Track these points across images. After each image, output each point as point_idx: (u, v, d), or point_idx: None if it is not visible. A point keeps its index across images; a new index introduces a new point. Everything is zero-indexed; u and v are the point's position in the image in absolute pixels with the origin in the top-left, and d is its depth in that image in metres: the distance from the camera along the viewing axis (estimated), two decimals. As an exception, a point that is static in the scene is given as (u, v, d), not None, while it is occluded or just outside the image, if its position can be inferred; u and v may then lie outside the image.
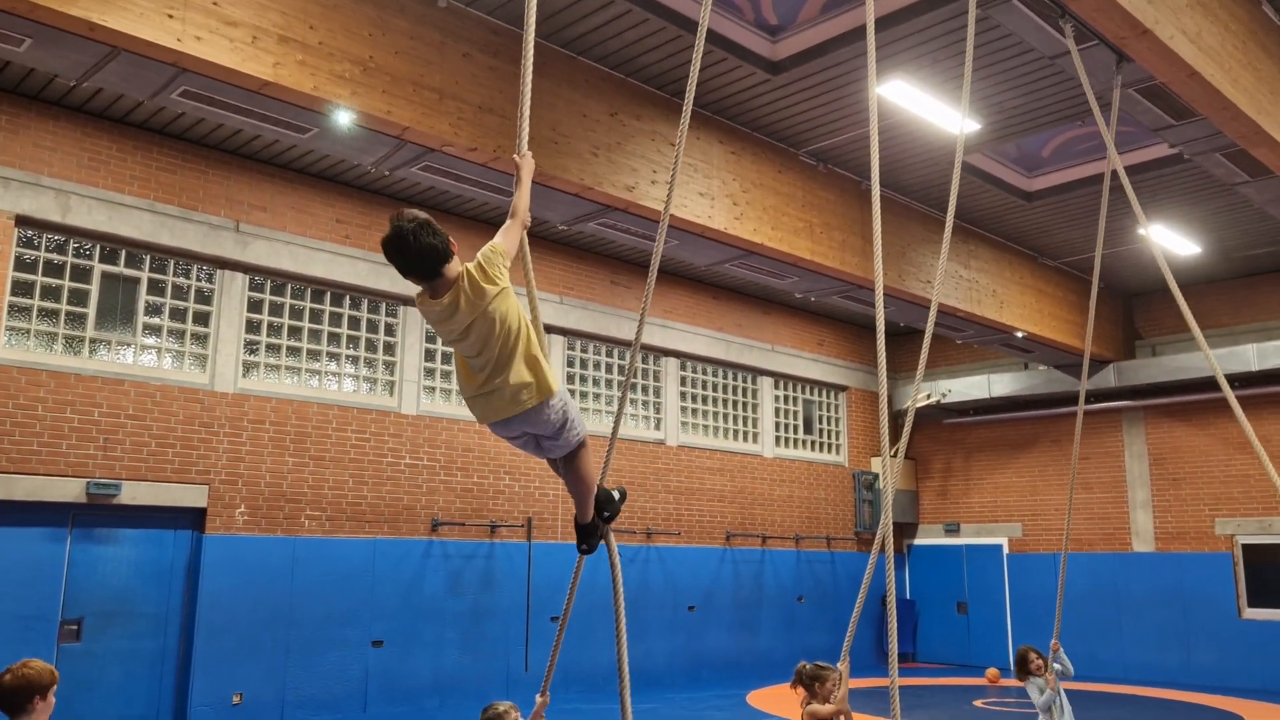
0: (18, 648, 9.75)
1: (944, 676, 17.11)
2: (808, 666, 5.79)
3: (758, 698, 13.99)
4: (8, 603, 9.82)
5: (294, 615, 11.61)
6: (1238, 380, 16.00)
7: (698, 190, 10.41)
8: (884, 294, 13.29)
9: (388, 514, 12.67)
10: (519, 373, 3.19)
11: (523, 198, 3.45)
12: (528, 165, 3.58)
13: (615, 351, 15.80)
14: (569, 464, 3.55)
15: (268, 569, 11.49)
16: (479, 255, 3.27)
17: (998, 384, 18.49)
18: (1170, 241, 14.46)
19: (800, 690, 5.88)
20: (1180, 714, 12.91)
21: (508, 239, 3.37)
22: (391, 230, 3.19)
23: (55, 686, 4.19)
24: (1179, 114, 8.99)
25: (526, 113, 3.97)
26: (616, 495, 3.88)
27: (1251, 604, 15.97)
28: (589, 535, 3.79)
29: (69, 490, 10.30)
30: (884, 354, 4.75)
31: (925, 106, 10.22)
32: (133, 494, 10.70)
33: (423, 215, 3.24)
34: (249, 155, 11.90)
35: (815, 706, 5.62)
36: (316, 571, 11.85)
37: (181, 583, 11.13)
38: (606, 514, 3.75)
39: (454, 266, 3.22)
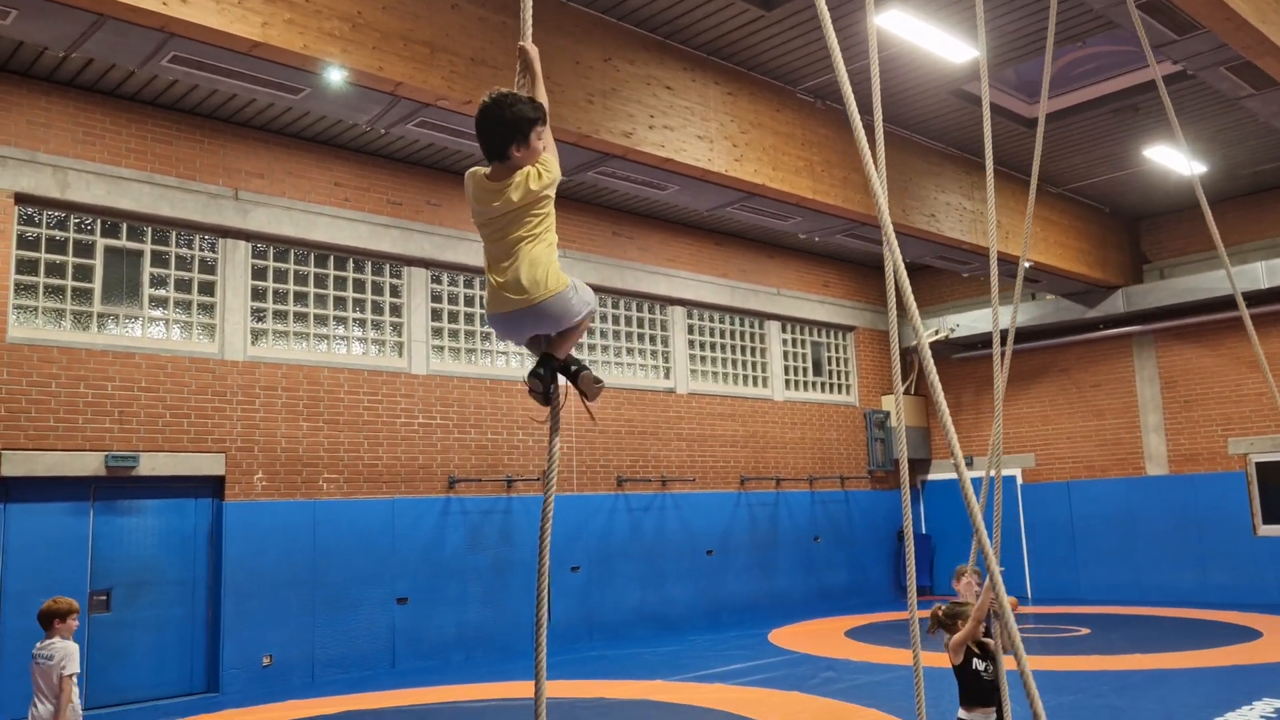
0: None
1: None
2: (942, 609, 5.79)
3: (779, 636, 14.17)
4: (37, 577, 9.97)
5: (318, 577, 11.76)
6: (1248, 299, 15.86)
7: (696, 133, 10.33)
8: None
9: (404, 473, 12.77)
10: (535, 265, 3.21)
11: (541, 93, 3.41)
12: (537, 53, 3.51)
13: (621, 303, 15.79)
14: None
15: (289, 533, 11.63)
16: (541, 167, 3.24)
17: (1005, 316, 18.42)
18: (1175, 162, 14.32)
19: (940, 632, 5.79)
20: (1198, 630, 13.05)
21: (556, 155, 3.33)
22: (481, 105, 3.21)
23: (74, 615, 6.24)
24: (1181, 28, 8.86)
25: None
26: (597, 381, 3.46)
27: (1266, 521, 16.04)
28: (559, 368, 3.32)
29: (88, 464, 10.40)
30: (893, 295, 4.69)
31: (924, 35, 10.09)
32: (151, 465, 10.80)
33: (505, 89, 3.25)
34: (244, 122, 11.83)
35: (957, 636, 5.58)
36: (338, 533, 11.99)
37: (205, 550, 11.27)
38: (574, 368, 3.39)
39: (525, 157, 3.20)
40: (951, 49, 10.38)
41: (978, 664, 5.59)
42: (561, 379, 3.32)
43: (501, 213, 3.21)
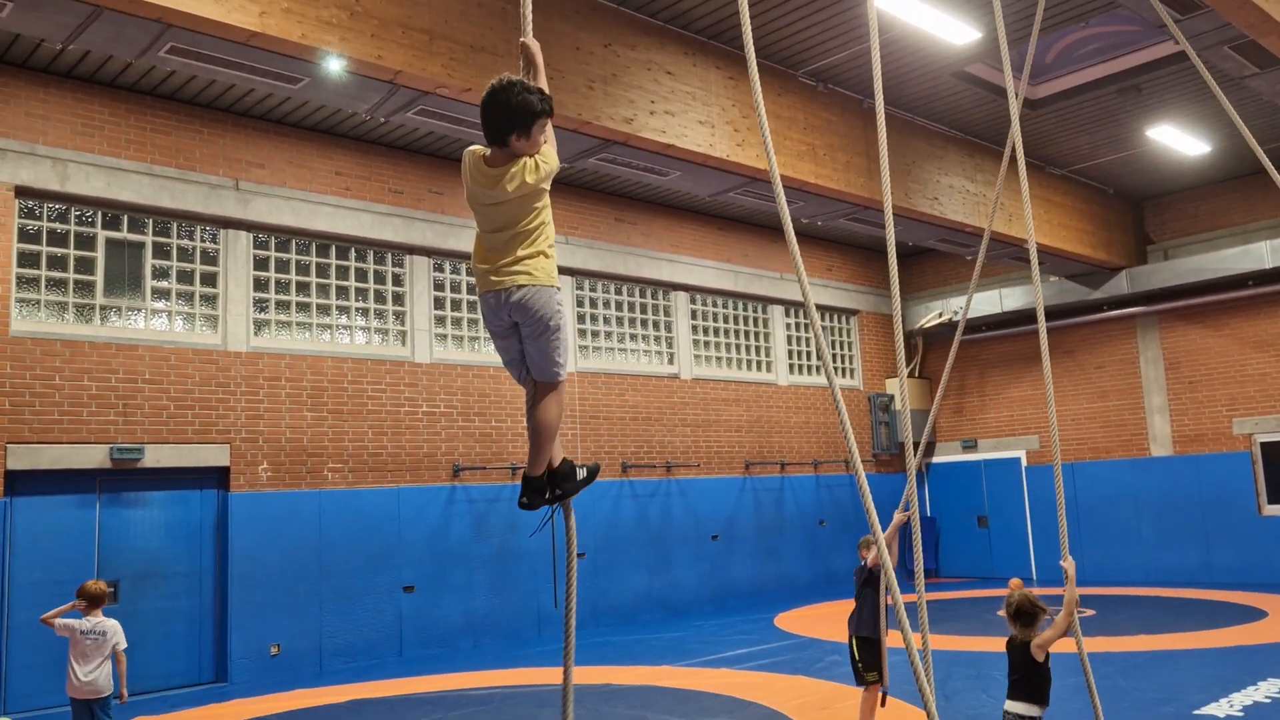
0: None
1: (967, 590, 17.32)
2: (1027, 602, 5.40)
3: (784, 620, 14.21)
4: (45, 569, 10.01)
5: (324, 566, 11.80)
6: (1252, 278, 15.91)
7: (697, 119, 10.29)
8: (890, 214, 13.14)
9: (409, 462, 12.79)
10: (532, 255, 3.20)
11: (544, 85, 3.38)
12: (538, 47, 3.48)
13: (624, 289, 15.77)
14: (535, 401, 3.37)
15: (295, 523, 11.65)
16: (540, 159, 3.22)
17: (1009, 298, 18.41)
18: (1179, 141, 14.26)
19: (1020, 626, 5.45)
20: (1203, 611, 13.06)
21: (555, 149, 3.31)
22: (490, 88, 3.17)
23: (103, 597, 7.29)
24: (1185, 7, 8.79)
25: None
26: (582, 473, 3.51)
27: (1271, 501, 16.03)
28: (534, 491, 3.40)
29: (93, 457, 10.42)
30: (895, 280, 4.68)
31: (925, 17, 10.02)
32: (156, 457, 10.82)
33: (516, 76, 3.21)
34: (243, 112, 11.79)
35: (1050, 634, 5.30)
36: (343, 522, 12.02)
37: (211, 541, 11.30)
38: (560, 490, 3.40)
39: (524, 147, 3.18)
40: (953, 30, 10.31)
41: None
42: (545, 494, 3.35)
43: (496, 201, 3.18)
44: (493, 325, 3.28)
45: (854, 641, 6.90)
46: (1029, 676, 5.31)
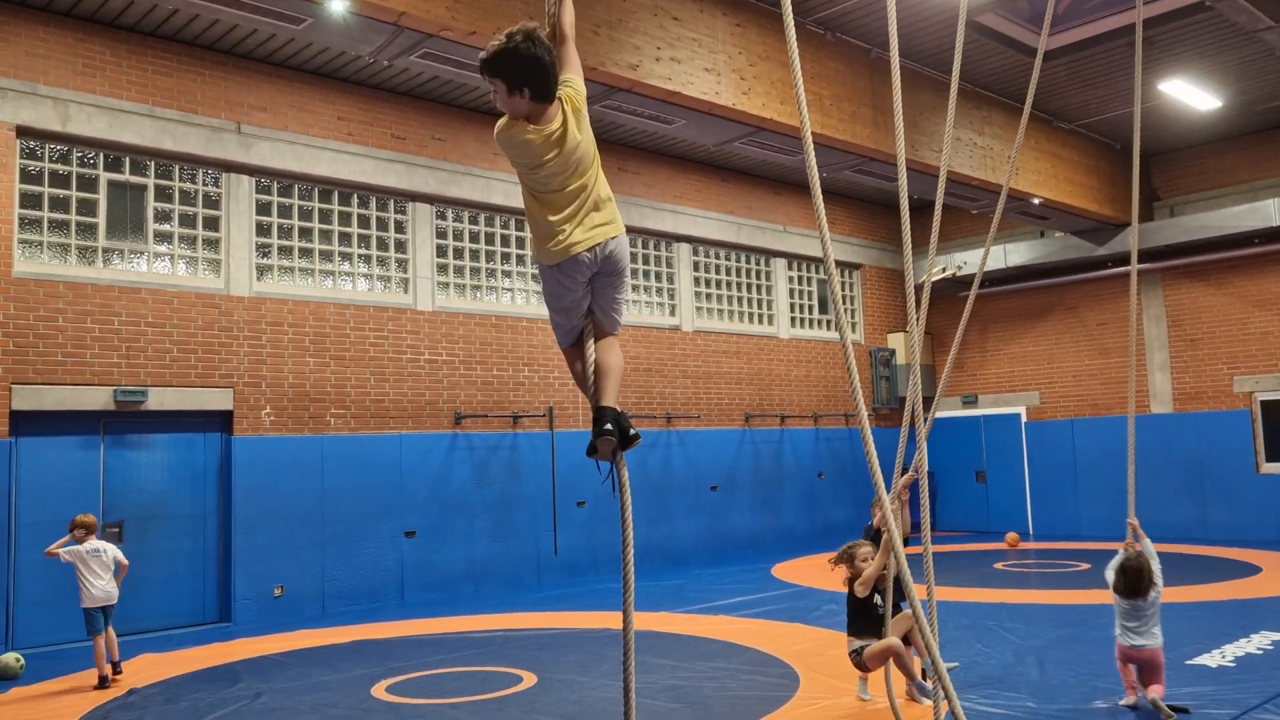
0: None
1: (964, 544, 17.47)
2: (848, 548, 6.68)
3: (782, 570, 14.35)
4: (50, 508, 10.10)
5: (327, 511, 11.90)
6: (1259, 236, 15.84)
7: (703, 66, 10.18)
8: (896, 165, 13.02)
9: (411, 409, 12.85)
10: (604, 201, 3.24)
11: (569, 8, 3.31)
12: None
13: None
14: (602, 349, 3.33)
15: (298, 467, 11.74)
16: (567, 86, 3.20)
17: (1014, 254, 18.34)
18: (1190, 96, 14.11)
19: (842, 567, 6.70)
20: (1199, 566, 13.19)
21: (577, 72, 3.25)
22: (515, 42, 3.02)
23: (95, 525, 8.52)
24: (1200, -43, 8.66)
25: None
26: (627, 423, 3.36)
27: (1270, 458, 16.11)
28: (607, 419, 3.26)
29: (97, 399, 10.47)
30: (909, 232, 4.65)
31: (935, -35, 9.87)
32: (160, 400, 10.87)
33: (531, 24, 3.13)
34: (245, 54, 11.68)
35: (869, 570, 6.48)
36: (346, 468, 12.10)
37: (215, 484, 11.39)
38: (632, 431, 3.29)
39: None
40: (964, -21, 10.15)
41: (876, 598, 6.26)
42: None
43: (573, 150, 3.15)
44: (571, 289, 3.23)
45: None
46: (862, 614, 6.52)
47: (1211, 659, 7.88)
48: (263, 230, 11.98)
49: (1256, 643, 8.37)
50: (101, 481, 10.59)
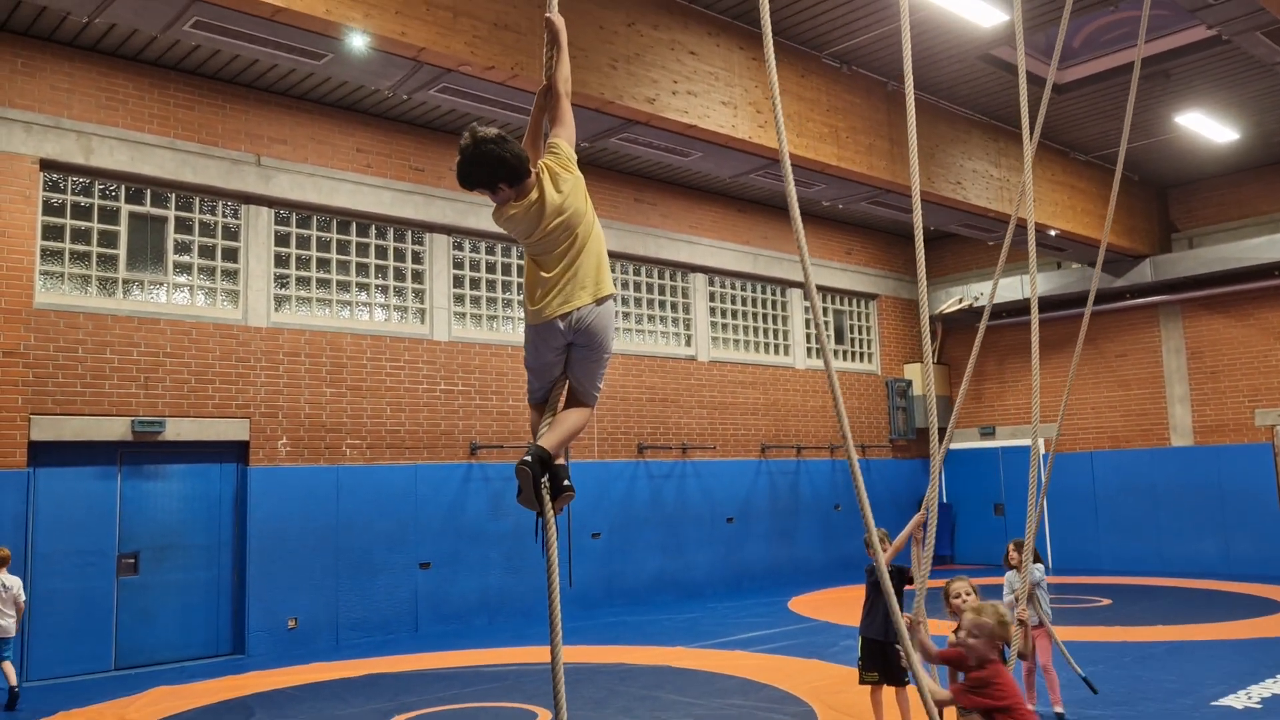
0: (79, 581, 10.11)
1: (982, 576, 17.26)
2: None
3: (799, 603, 14.22)
4: (67, 538, 10.12)
5: (341, 541, 11.88)
6: (1278, 268, 15.72)
7: (720, 100, 10.22)
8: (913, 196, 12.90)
9: (427, 440, 12.84)
10: (593, 268, 3.29)
11: (565, 64, 3.41)
12: (563, 25, 3.47)
13: (643, 270, 15.74)
14: (571, 405, 3.39)
15: (313, 498, 11.73)
16: (547, 151, 3.35)
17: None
18: (1207, 128, 14.08)
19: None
20: (1221, 602, 12.99)
21: (565, 128, 3.39)
22: (478, 146, 3.22)
23: (8, 560, 8.79)
24: (1217, -8, 8.66)
25: None
26: (567, 484, 3.33)
27: (1292, 493, 15.90)
28: (553, 466, 3.25)
29: (115, 429, 10.51)
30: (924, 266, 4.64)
31: (951, 0, 9.91)
32: (177, 430, 10.90)
33: (494, 130, 3.31)
34: (266, 87, 11.80)
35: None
36: (361, 498, 12.09)
37: (230, 514, 11.39)
38: (565, 481, 3.29)
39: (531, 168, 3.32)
40: (980, 13, 10.19)
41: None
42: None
43: (553, 215, 3.25)
44: (543, 351, 3.31)
45: (861, 640, 6.84)
46: None
47: (1237, 700, 7.73)
48: (281, 261, 12.05)
49: (1283, 683, 8.22)
50: (118, 512, 10.61)
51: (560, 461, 3.31)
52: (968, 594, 5.54)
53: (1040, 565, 7.38)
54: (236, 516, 11.41)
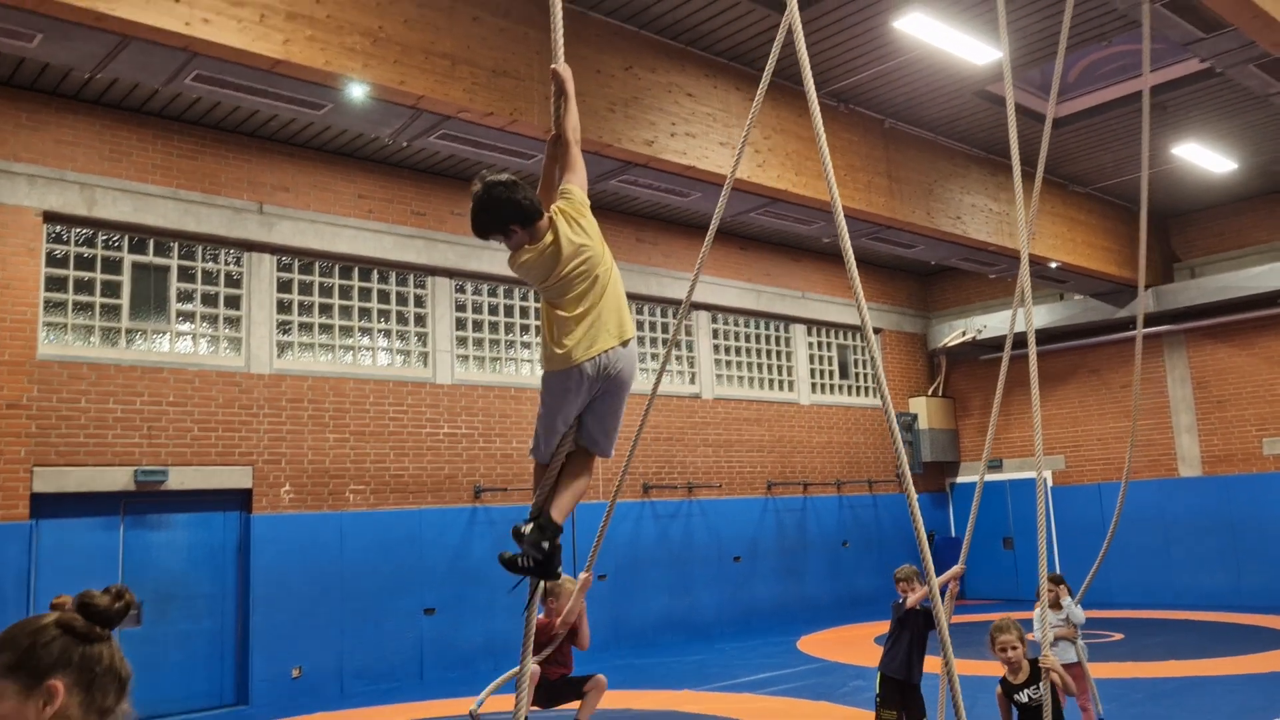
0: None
1: (993, 612, 17.10)
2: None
3: (807, 643, 14.08)
4: (69, 590, 10.04)
5: (346, 588, 11.80)
6: (1280, 297, 15.71)
7: (718, 140, 10.29)
8: (913, 232, 13.06)
9: (430, 484, 12.80)
10: (614, 305, 3.27)
11: (574, 113, 3.40)
12: (570, 75, 3.49)
13: (645, 309, 15.76)
14: (579, 464, 3.37)
15: (317, 545, 11.67)
16: (560, 197, 3.35)
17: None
18: (1204, 159, 14.13)
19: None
20: (1234, 635, 12.84)
21: (577, 174, 3.40)
22: (488, 190, 3.20)
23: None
24: (1209, 26, 8.73)
25: (559, 16, 3.82)
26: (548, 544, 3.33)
27: (1304, 522, 15.77)
28: (539, 526, 3.25)
29: (118, 479, 10.49)
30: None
31: (945, 38, 10.00)
32: (180, 479, 10.88)
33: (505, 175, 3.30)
34: (267, 136, 11.90)
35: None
36: (365, 544, 12.03)
37: (234, 563, 11.34)
38: (528, 528, 3.28)
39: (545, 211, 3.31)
40: (973, 51, 10.28)
41: (1026, 695, 5.58)
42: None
43: (571, 257, 3.25)
44: (570, 398, 3.27)
45: (881, 677, 6.80)
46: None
47: (1255, 738, 7.61)
48: (284, 308, 12.09)
49: (1301, 720, 8.09)
50: (121, 562, 10.56)
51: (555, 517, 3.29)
52: (1014, 647, 5.50)
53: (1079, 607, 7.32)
54: (240, 565, 11.35)
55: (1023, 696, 5.46)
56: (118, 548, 10.57)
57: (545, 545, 3.14)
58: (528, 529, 3.18)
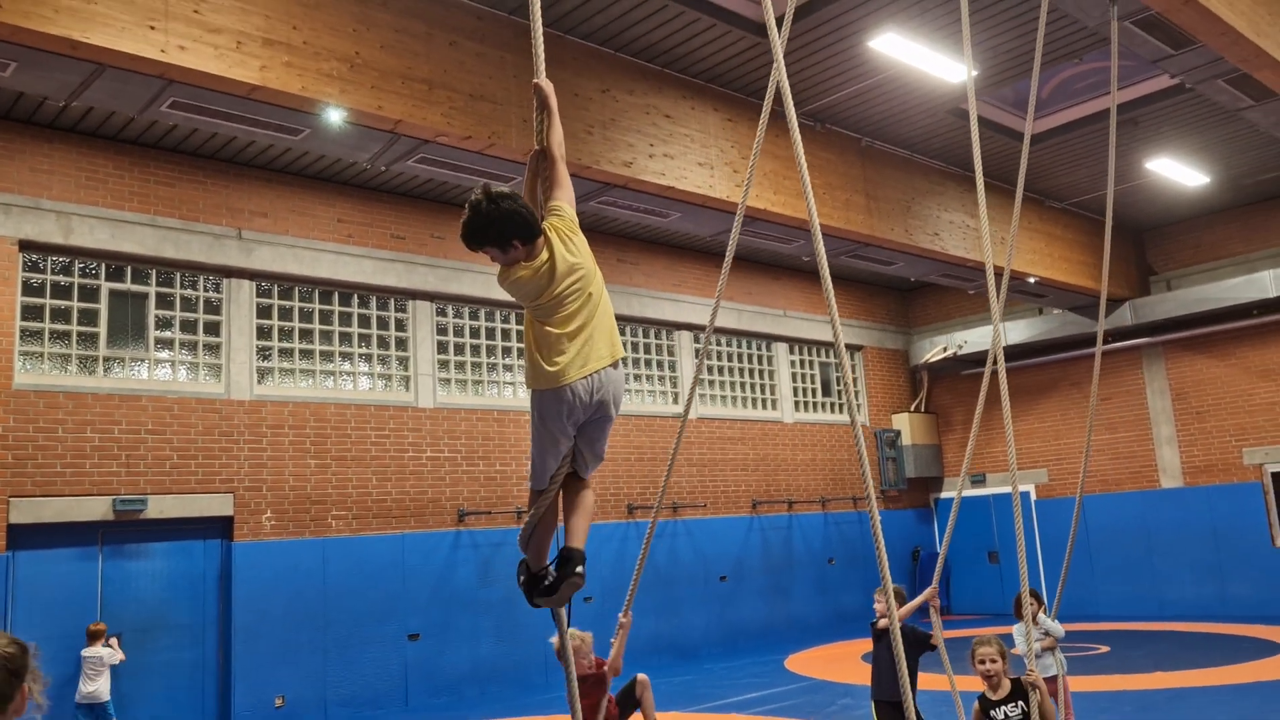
0: (59, 667, 9.89)
1: (980, 626, 17.10)
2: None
3: (795, 661, 14.04)
4: (46, 623, 9.92)
5: (329, 615, 11.69)
6: (1258, 307, 15.88)
7: (697, 160, 10.33)
8: (892, 249, 13.08)
9: (413, 508, 12.72)
10: (606, 324, 3.25)
11: (558, 128, 3.38)
12: (552, 89, 3.45)
13: (627, 329, 15.76)
14: (579, 487, 3.40)
15: (299, 572, 11.57)
16: (550, 214, 3.30)
17: (1013, 331, 18.37)
18: (1177, 173, 14.29)
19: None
20: (1220, 646, 12.88)
21: (565, 190, 3.35)
22: (495, 203, 3.15)
23: None
24: (1178, 43, 8.84)
25: (539, 33, 3.81)
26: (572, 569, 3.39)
27: (1284, 532, 15.87)
28: (579, 561, 3.33)
29: (96, 509, 10.37)
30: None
31: (919, 57, 10.10)
32: (159, 508, 10.77)
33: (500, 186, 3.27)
34: (245, 162, 11.87)
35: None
36: (347, 570, 11.93)
37: (215, 591, 11.22)
38: (580, 568, 3.31)
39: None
40: (946, 69, 10.38)
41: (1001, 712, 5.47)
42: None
43: (566, 274, 3.22)
44: (562, 420, 3.23)
45: (875, 706, 6.64)
46: None
47: (1241, 749, 7.62)
48: (263, 333, 12.03)
49: (1286, 729, 8.11)
50: (99, 593, 10.43)
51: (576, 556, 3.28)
52: (993, 661, 5.46)
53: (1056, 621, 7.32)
54: (221, 593, 11.23)
55: (999, 714, 5.35)
56: (96, 578, 10.44)
57: (579, 569, 3.27)
58: (580, 569, 3.26)
